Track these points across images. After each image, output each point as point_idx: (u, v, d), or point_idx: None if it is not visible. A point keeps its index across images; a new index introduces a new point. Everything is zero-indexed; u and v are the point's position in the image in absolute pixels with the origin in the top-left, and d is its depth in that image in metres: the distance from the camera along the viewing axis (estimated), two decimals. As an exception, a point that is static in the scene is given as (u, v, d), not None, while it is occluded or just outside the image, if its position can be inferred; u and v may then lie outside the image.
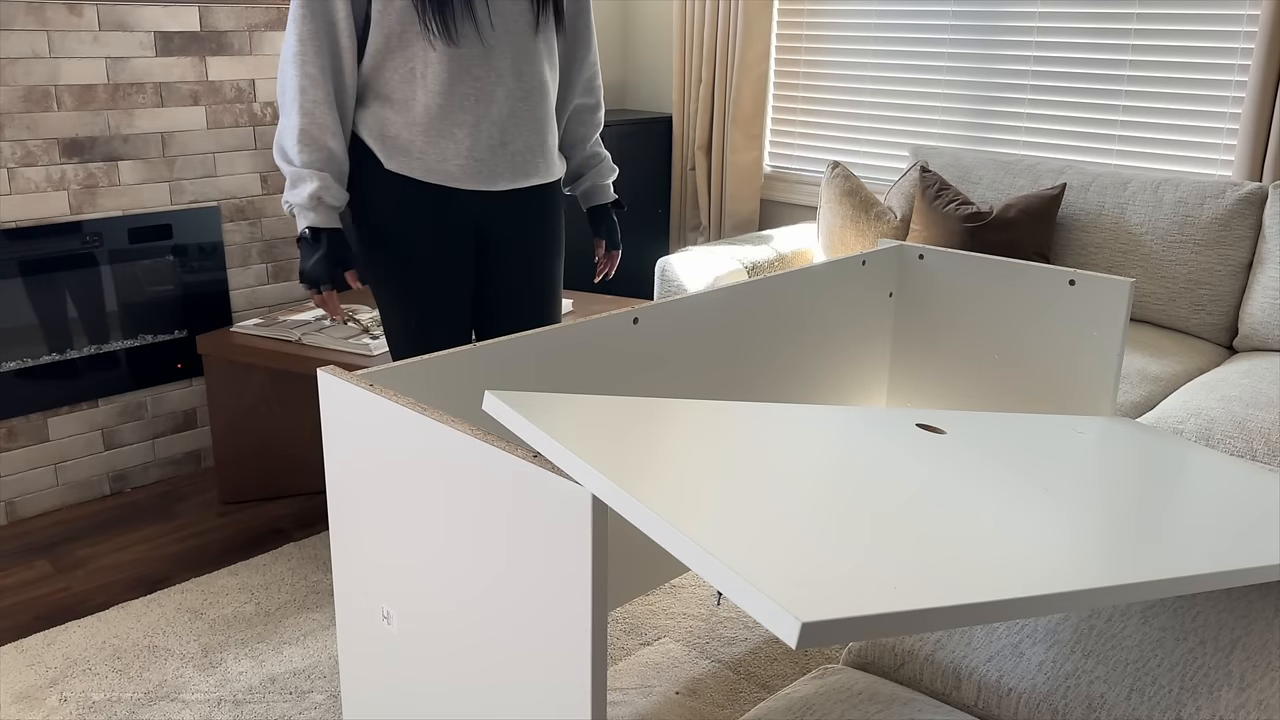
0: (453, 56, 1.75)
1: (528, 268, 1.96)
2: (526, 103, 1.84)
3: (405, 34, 1.74)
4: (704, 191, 3.85)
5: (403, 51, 1.75)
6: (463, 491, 1.04)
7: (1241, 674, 1.14)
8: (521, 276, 1.96)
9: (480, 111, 1.80)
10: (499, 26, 1.78)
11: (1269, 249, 2.62)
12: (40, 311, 2.59)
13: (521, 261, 1.95)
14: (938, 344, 2.07)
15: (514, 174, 1.87)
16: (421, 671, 1.17)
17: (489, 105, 1.80)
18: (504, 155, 1.85)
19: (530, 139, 1.87)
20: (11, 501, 2.62)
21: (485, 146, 1.82)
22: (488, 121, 1.81)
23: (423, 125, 1.78)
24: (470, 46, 1.76)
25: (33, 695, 1.95)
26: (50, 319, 2.61)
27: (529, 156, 1.88)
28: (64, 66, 2.52)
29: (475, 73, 1.78)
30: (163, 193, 2.74)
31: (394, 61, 1.76)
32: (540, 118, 1.87)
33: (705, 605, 2.26)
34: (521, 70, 1.82)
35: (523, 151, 1.87)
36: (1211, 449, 1.63)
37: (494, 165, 1.84)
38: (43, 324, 2.60)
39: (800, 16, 3.67)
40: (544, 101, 1.87)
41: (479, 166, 1.83)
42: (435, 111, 1.78)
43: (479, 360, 1.39)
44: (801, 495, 1.00)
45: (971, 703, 1.22)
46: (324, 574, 2.38)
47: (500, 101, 1.81)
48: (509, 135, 1.84)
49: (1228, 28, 2.81)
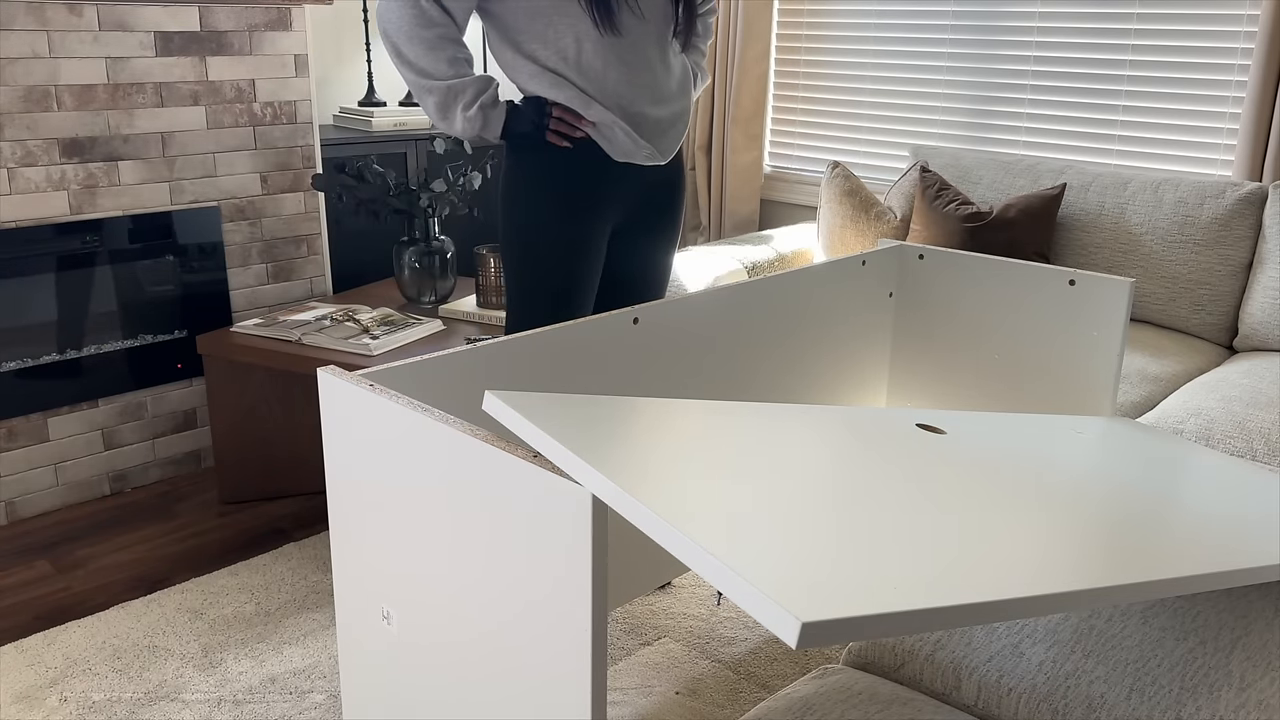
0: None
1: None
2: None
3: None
4: (704, 191, 3.85)
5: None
6: (463, 492, 1.04)
7: (1241, 674, 1.14)
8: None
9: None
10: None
11: (1269, 249, 2.62)
12: (40, 311, 2.59)
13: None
14: (937, 344, 2.07)
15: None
16: (421, 671, 1.17)
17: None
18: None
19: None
20: (11, 501, 2.62)
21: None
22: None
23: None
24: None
25: (33, 695, 1.95)
26: (50, 319, 2.61)
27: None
28: (64, 66, 2.52)
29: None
30: (163, 193, 2.74)
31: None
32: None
33: (705, 605, 2.26)
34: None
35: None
36: (1211, 449, 1.63)
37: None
38: (42, 324, 2.60)
39: (800, 16, 3.67)
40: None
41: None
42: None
43: (479, 360, 1.39)
44: (801, 495, 1.00)
45: (971, 703, 1.22)
46: (324, 574, 2.38)
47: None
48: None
49: (1228, 28, 2.81)
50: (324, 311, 2.81)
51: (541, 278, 1.92)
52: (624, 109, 1.86)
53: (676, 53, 1.96)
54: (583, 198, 1.90)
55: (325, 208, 3.08)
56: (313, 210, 3.04)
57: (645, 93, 1.88)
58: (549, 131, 1.83)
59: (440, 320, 2.77)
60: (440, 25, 1.74)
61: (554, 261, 1.91)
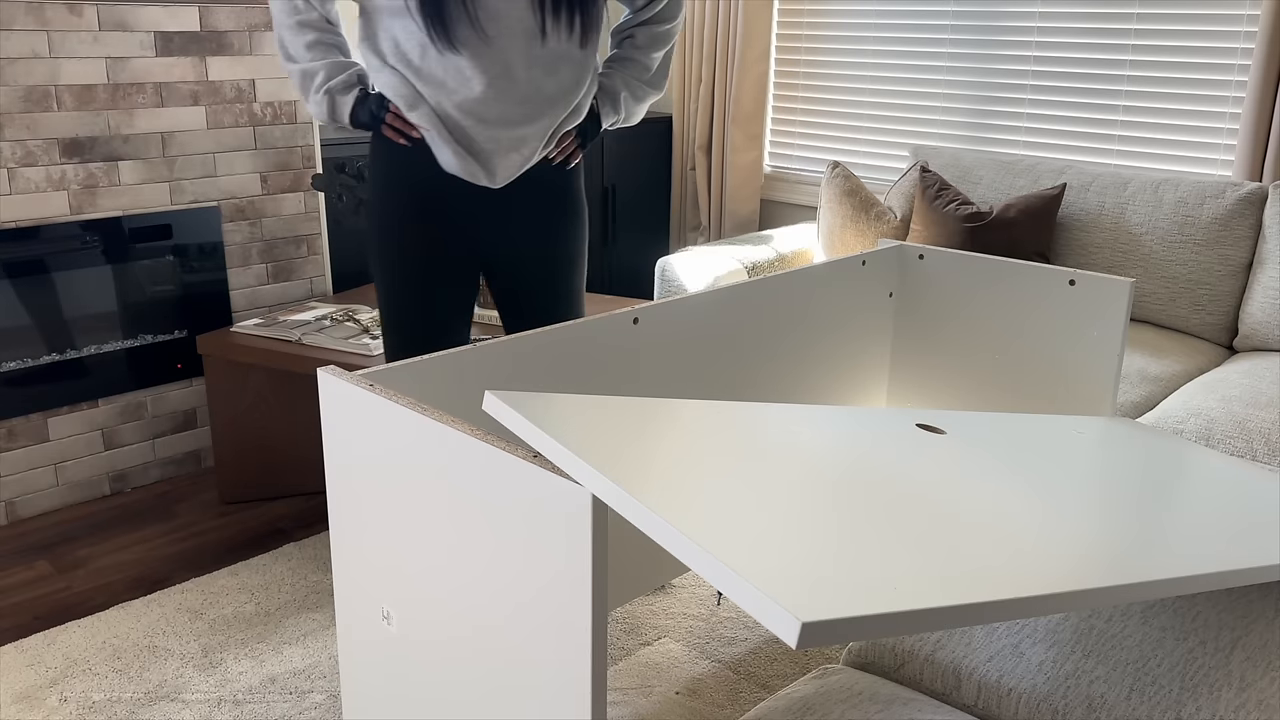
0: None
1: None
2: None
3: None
4: (704, 191, 3.85)
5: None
6: (463, 491, 1.04)
7: (1241, 674, 1.14)
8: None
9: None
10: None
11: (1269, 249, 2.62)
12: (40, 311, 2.59)
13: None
14: (937, 344, 2.07)
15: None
16: (421, 671, 1.17)
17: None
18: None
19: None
20: (11, 501, 2.62)
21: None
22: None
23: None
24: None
25: (33, 695, 1.95)
26: (50, 319, 2.61)
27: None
28: (64, 66, 2.52)
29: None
30: (163, 193, 2.74)
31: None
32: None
33: (705, 605, 2.26)
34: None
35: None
36: (1211, 449, 1.63)
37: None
38: (43, 324, 2.60)
39: (800, 16, 3.67)
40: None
41: None
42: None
43: (479, 360, 1.39)
44: (801, 495, 1.00)
45: (971, 703, 1.22)
46: (324, 574, 2.38)
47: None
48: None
49: (1228, 28, 2.81)
50: (324, 311, 2.81)
51: (381, 292, 1.90)
52: (454, 121, 1.76)
53: (576, 61, 1.79)
54: (417, 200, 1.83)
55: (325, 208, 3.08)
56: (313, 210, 3.04)
57: (486, 107, 1.76)
58: (384, 125, 1.79)
59: (440, 320, 2.76)
60: (303, 12, 1.77)
61: (388, 274, 1.88)
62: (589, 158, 3.71)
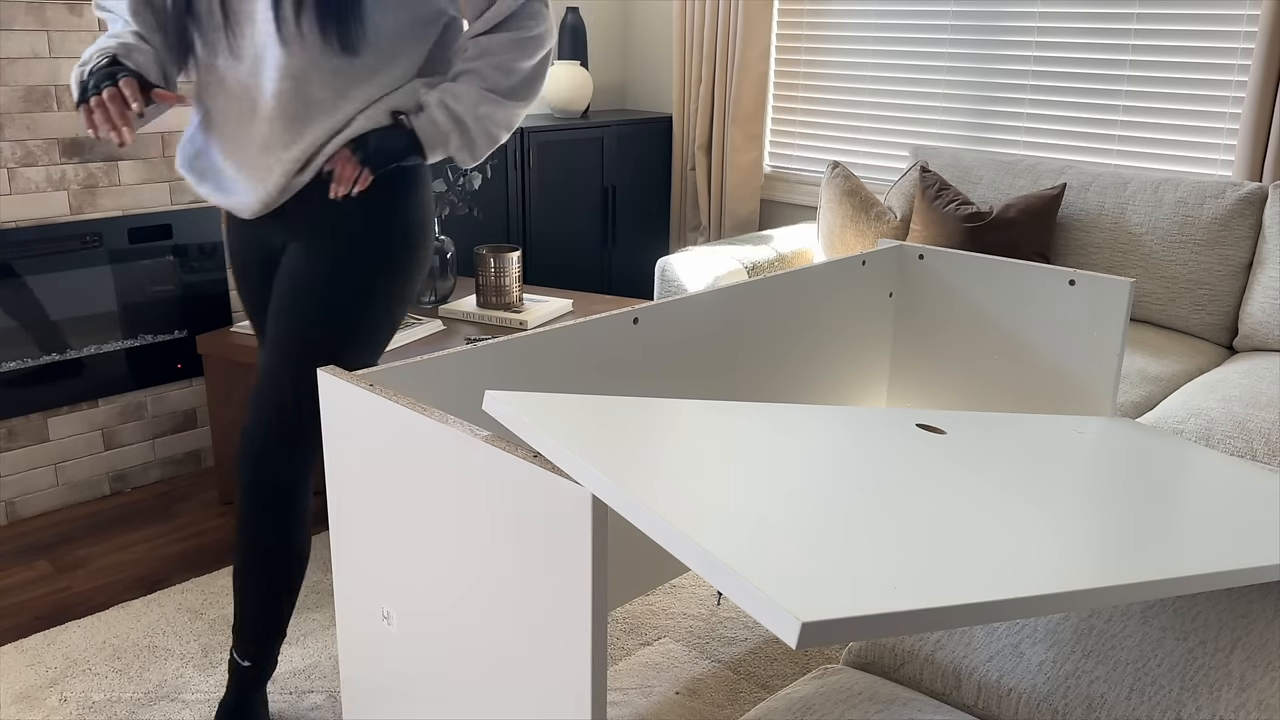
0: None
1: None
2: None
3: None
4: (704, 191, 3.85)
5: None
6: (463, 492, 1.04)
7: (1241, 674, 1.14)
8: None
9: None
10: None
11: (1269, 249, 2.62)
12: (40, 311, 2.59)
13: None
14: (938, 344, 2.07)
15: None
16: (421, 671, 1.17)
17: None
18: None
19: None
20: (11, 501, 2.62)
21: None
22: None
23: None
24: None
25: (33, 695, 1.95)
26: (50, 319, 2.61)
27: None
28: (64, 66, 2.52)
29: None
30: (163, 193, 2.74)
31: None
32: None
33: (705, 605, 2.26)
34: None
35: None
36: (1211, 449, 1.63)
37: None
38: (43, 324, 2.60)
39: (800, 16, 3.67)
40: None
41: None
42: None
43: (479, 360, 1.39)
44: (801, 495, 1.00)
45: (971, 703, 1.22)
46: (324, 574, 2.38)
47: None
48: None
49: (1228, 28, 2.81)
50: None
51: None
52: (210, 133, 1.66)
53: (330, 109, 1.56)
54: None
55: (325, 208, 3.08)
56: (313, 210, 3.04)
57: (225, 132, 1.63)
58: (83, 105, 1.47)
59: (440, 320, 2.76)
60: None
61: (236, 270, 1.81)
62: (589, 158, 3.71)
